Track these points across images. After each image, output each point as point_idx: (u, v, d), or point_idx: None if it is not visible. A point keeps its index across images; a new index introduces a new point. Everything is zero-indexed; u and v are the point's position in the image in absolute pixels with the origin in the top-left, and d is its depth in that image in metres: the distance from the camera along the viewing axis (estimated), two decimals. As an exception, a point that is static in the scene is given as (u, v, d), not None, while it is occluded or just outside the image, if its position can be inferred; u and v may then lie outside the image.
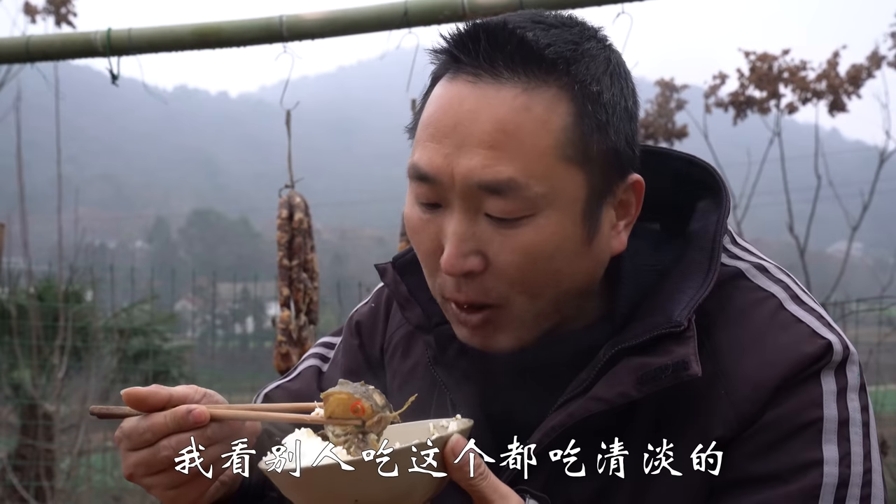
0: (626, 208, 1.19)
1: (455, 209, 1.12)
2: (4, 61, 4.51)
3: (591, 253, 1.16)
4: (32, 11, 8.23)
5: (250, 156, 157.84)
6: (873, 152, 9.08)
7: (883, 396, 6.71)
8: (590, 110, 1.11)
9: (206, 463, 1.08)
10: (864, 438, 1.13)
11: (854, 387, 1.15)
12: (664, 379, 1.11)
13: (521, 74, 1.10)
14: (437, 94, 1.14)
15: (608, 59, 1.16)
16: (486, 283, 1.13)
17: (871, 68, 8.45)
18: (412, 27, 3.12)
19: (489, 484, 1.03)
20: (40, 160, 14.37)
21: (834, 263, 15.88)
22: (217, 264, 44.28)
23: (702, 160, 1.29)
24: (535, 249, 1.11)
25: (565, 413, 1.15)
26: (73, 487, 7.00)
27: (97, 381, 7.47)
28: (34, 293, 7.76)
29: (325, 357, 1.49)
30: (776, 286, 1.20)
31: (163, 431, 1.08)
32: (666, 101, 9.43)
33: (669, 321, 1.13)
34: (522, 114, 1.09)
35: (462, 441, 1.02)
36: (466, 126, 1.09)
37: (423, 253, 1.18)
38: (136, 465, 1.09)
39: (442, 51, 1.16)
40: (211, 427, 1.08)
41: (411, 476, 0.99)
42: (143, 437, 1.08)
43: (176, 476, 1.09)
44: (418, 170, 1.13)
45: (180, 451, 1.07)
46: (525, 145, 1.08)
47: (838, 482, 1.09)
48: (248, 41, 3.28)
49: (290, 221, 3.32)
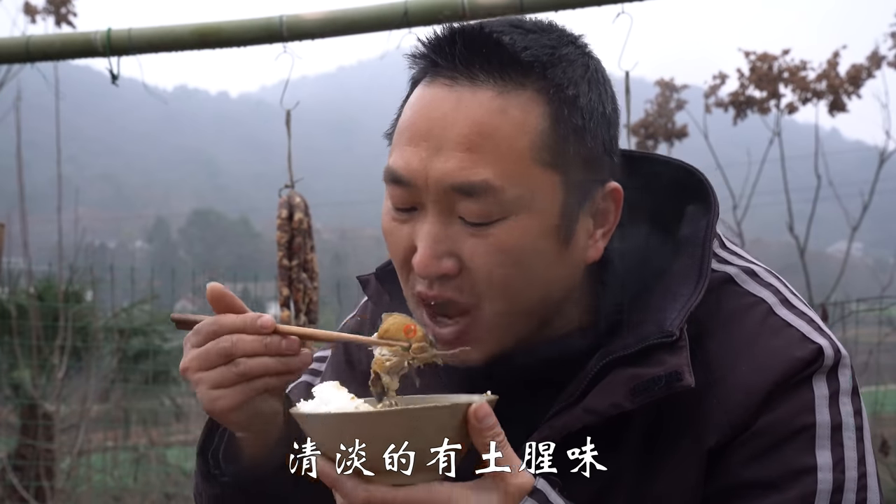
0: (605, 216, 1.18)
1: (429, 212, 1.12)
2: (4, 61, 4.52)
3: (566, 259, 1.15)
4: (32, 11, 8.22)
5: (250, 156, 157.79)
6: (873, 152, 9.07)
7: (883, 396, 6.71)
8: (566, 114, 1.11)
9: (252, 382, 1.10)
10: (858, 443, 1.13)
11: (846, 390, 1.14)
12: (657, 390, 1.10)
13: (497, 77, 1.10)
14: (415, 99, 1.14)
15: (586, 65, 1.15)
16: (459, 285, 1.13)
17: (871, 68, 8.43)
18: (412, 27, 3.12)
19: (505, 454, 1.04)
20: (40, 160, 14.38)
21: (834, 263, 15.87)
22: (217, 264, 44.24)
23: (689, 164, 1.29)
24: (508, 252, 1.10)
25: (558, 425, 1.14)
26: (73, 487, 7.00)
27: (97, 381, 7.47)
28: (34, 293, 7.75)
29: (316, 371, 1.49)
30: (766, 290, 1.20)
31: (229, 328, 1.11)
32: (666, 101, 9.41)
33: (661, 331, 1.12)
34: (498, 116, 1.08)
35: (486, 407, 1.03)
36: (442, 129, 1.09)
37: (397, 255, 1.18)
38: (193, 359, 1.12)
39: (420, 55, 1.17)
40: (272, 338, 1.11)
41: (428, 434, 1.02)
42: (210, 329, 1.11)
43: (224, 375, 1.10)
44: (393, 173, 1.13)
45: (238, 350, 1.10)
46: (500, 148, 1.08)
47: (833, 488, 1.09)
48: (248, 41, 3.28)
49: (290, 221, 3.32)
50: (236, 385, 1.10)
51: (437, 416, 1.03)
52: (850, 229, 8.57)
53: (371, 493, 1.02)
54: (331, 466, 1.05)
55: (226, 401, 1.11)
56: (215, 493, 1.24)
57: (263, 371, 1.11)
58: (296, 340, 1.12)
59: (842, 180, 8.81)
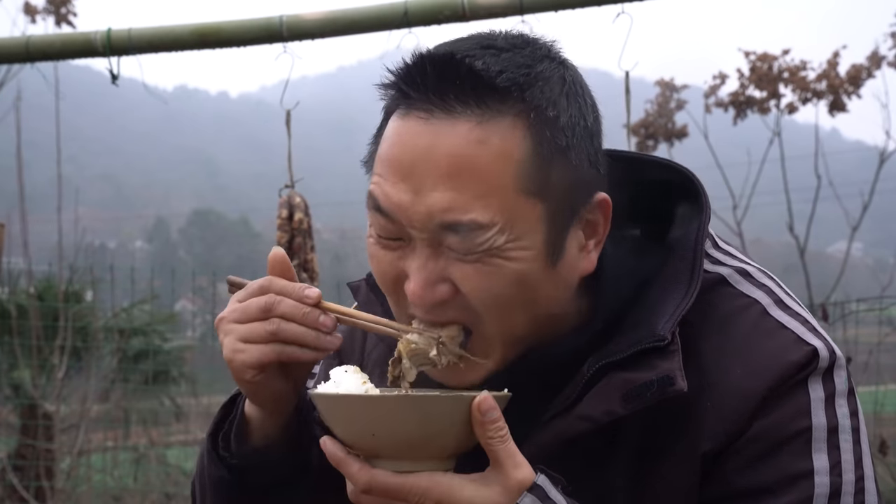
0: (594, 227, 1.17)
1: (416, 245, 1.11)
2: (4, 61, 4.52)
3: (558, 276, 1.14)
4: (32, 11, 8.22)
5: (250, 156, 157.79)
6: (873, 152, 9.07)
7: (883, 396, 6.70)
8: (548, 136, 1.09)
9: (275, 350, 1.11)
10: (855, 445, 1.12)
11: (842, 392, 1.13)
12: (650, 395, 1.10)
13: (474, 106, 1.07)
14: (391, 132, 1.12)
15: (563, 79, 1.13)
16: (459, 304, 1.13)
17: (871, 68, 8.43)
18: (412, 27, 3.12)
19: (506, 448, 1.04)
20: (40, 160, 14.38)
21: (834, 263, 15.88)
22: (217, 264, 44.29)
23: (679, 165, 1.28)
24: (499, 277, 1.10)
25: (552, 432, 1.14)
26: (73, 487, 7.00)
27: (97, 381, 7.48)
28: (34, 293, 7.75)
29: (310, 374, 1.49)
30: (759, 291, 1.19)
31: (277, 288, 1.12)
32: (666, 101, 9.40)
33: (653, 335, 1.12)
34: (478, 148, 1.07)
35: (490, 399, 1.04)
36: (423, 165, 1.08)
37: (384, 280, 1.17)
38: (233, 311, 1.13)
39: (391, 85, 1.13)
40: (312, 309, 1.11)
41: (431, 422, 1.03)
42: (259, 285, 1.13)
43: (254, 330, 1.11)
44: (376, 202, 1.12)
45: (278, 309, 1.10)
46: (484, 181, 1.07)
47: (830, 492, 1.09)
48: (248, 41, 3.28)
49: (290, 221, 3.32)
50: (263, 344, 1.10)
51: (443, 405, 1.04)
52: (850, 229, 8.57)
53: (374, 477, 1.04)
54: (338, 447, 1.06)
55: (247, 355, 1.11)
56: (220, 475, 1.23)
57: (293, 337, 1.11)
58: (332, 318, 1.12)
59: (842, 180, 8.81)
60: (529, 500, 1.04)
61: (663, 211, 1.26)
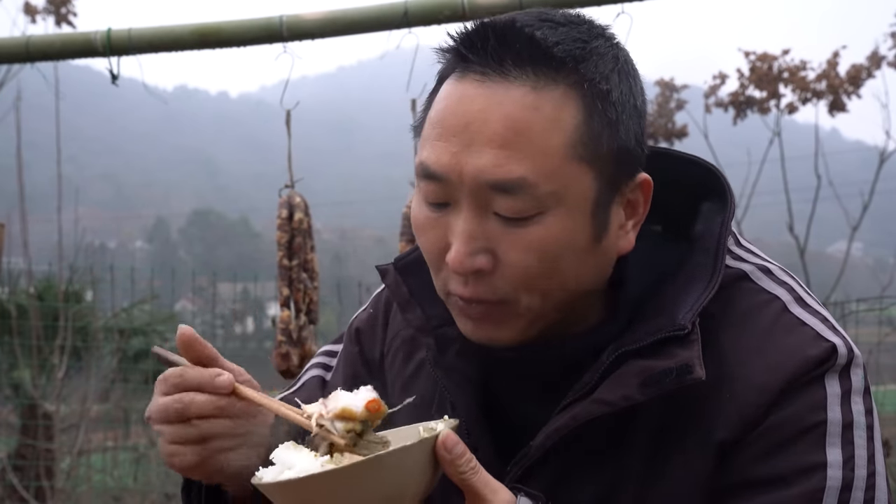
0: (635, 207, 1.18)
1: (463, 208, 1.11)
2: (4, 61, 4.52)
3: (600, 252, 1.15)
4: (32, 11, 8.23)
5: (250, 156, 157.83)
6: (873, 152, 9.08)
7: (883, 396, 6.71)
8: (600, 108, 1.10)
9: (203, 433, 1.11)
10: (868, 441, 1.13)
11: (858, 390, 1.14)
12: (668, 382, 1.10)
13: (530, 73, 1.09)
14: (446, 93, 1.13)
15: (616, 57, 1.15)
16: (494, 281, 1.12)
17: (871, 68, 8.44)
18: (412, 27, 3.12)
19: (480, 478, 1.03)
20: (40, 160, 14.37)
21: (834, 263, 15.87)
22: (217, 264, 44.29)
23: (706, 161, 1.29)
24: (544, 248, 1.10)
25: (568, 416, 1.14)
26: (73, 487, 7.00)
27: (97, 381, 7.48)
28: (34, 293, 7.75)
29: (327, 366, 1.49)
30: (780, 288, 1.20)
31: (190, 385, 1.12)
32: (666, 101, 9.42)
33: (673, 324, 1.13)
34: (532, 112, 1.08)
35: (452, 436, 1.03)
36: (476, 125, 1.09)
37: (429, 251, 1.17)
38: (156, 410, 1.13)
39: (449, 49, 1.15)
40: (228, 400, 1.12)
41: (401, 477, 1.00)
42: (174, 382, 1.13)
43: (180, 433, 1.11)
44: (427, 168, 1.12)
45: (192, 410, 1.10)
46: (535, 144, 1.08)
47: (842, 485, 1.09)
48: (248, 41, 3.28)
49: (290, 221, 3.32)
50: (192, 444, 1.12)
51: (406, 456, 1.00)
52: (850, 229, 8.58)
53: None
54: None
55: (182, 458, 1.12)
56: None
57: (218, 433, 1.12)
58: (250, 404, 1.13)
59: (842, 180, 8.82)
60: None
61: (687, 206, 1.27)
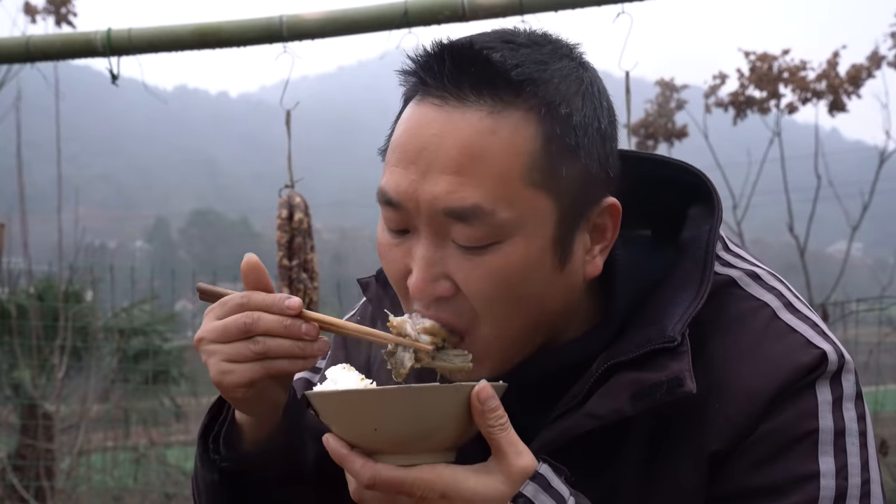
0: (602, 232, 1.17)
1: (422, 235, 1.11)
2: (4, 61, 4.52)
3: (564, 279, 1.14)
4: (32, 11, 8.22)
5: (250, 156, 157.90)
6: (873, 152, 9.08)
7: (883, 396, 6.71)
8: (559, 133, 1.09)
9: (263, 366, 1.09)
10: (861, 448, 1.12)
11: (850, 396, 1.13)
12: (658, 396, 1.10)
13: (487, 97, 1.07)
14: (405, 118, 1.13)
15: (580, 79, 1.13)
16: (457, 306, 1.12)
17: (871, 68, 8.44)
18: (412, 27, 3.12)
19: (507, 436, 1.04)
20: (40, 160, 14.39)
21: (834, 263, 15.87)
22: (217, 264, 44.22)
23: (693, 166, 1.28)
24: (503, 276, 1.09)
25: (559, 429, 1.14)
26: (73, 487, 7.00)
27: (97, 381, 7.48)
28: (34, 293, 7.75)
29: (316, 369, 1.48)
30: (769, 294, 1.19)
31: (256, 304, 1.09)
32: (666, 101, 9.41)
33: (663, 336, 1.12)
34: (488, 137, 1.07)
35: (488, 389, 1.03)
36: (432, 151, 1.08)
37: (393, 276, 1.17)
38: (211, 330, 1.10)
39: (410, 72, 1.14)
40: (294, 321, 1.09)
41: (432, 413, 1.03)
42: (237, 303, 1.10)
43: (239, 350, 1.09)
44: (385, 195, 1.12)
45: (260, 326, 1.08)
46: (491, 170, 1.06)
47: (836, 494, 1.09)
48: (248, 41, 3.28)
49: (290, 221, 3.32)
50: (250, 362, 1.09)
51: (442, 396, 1.03)
52: (850, 229, 8.58)
53: (377, 472, 1.03)
54: (341, 444, 1.05)
55: (235, 376, 1.09)
56: (212, 478, 1.23)
57: (280, 352, 1.10)
58: (315, 326, 1.10)
59: (842, 180, 8.82)
60: (532, 488, 1.04)
61: (675, 212, 1.26)
